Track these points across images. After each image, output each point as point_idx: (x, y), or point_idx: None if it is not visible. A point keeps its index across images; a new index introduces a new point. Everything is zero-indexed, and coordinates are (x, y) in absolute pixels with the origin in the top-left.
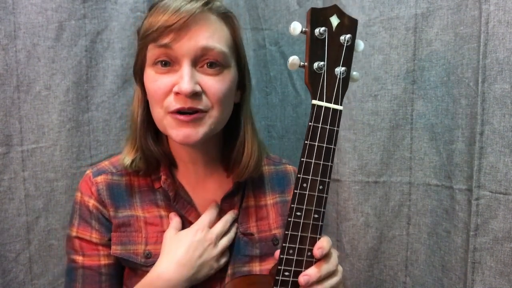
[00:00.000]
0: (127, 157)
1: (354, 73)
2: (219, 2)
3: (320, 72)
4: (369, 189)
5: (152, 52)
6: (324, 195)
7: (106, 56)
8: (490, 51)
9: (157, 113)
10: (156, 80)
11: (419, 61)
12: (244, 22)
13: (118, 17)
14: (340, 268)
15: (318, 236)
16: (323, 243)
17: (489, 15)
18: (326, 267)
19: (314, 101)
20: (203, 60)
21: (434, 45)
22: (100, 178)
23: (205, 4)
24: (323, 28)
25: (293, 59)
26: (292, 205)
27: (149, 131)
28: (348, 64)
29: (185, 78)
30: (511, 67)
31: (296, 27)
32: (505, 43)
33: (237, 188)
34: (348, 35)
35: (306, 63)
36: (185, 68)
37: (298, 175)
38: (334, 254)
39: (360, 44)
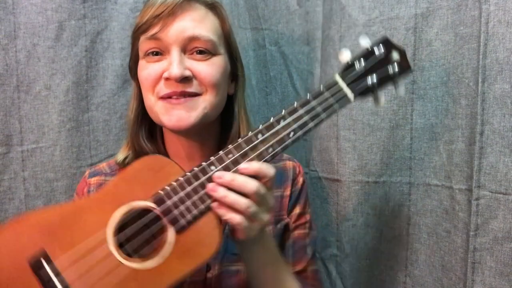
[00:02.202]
0: (120, 154)
1: (381, 99)
2: None
3: (358, 69)
4: (369, 189)
5: (143, 44)
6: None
7: (106, 56)
8: (490, 51)
9: (149, 100)
10: (147, 68)
11: (419, 61)
12: (244, 22)
13: (118, 17)
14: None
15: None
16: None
17: (489, 15)
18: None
19: (336, 75)
20: (192, 48)
21: (434, 45)
22: (93, 180)
23: None
24: (382, 48)
25: (346, 52)
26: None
27: (142, 127)
28: (380, 84)
29: (174, 63)
30: (511, 67)
31: (365, 40)
32: (505, 43)
33: None
34: (397, 69)
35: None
36: (174, 53)
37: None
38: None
39: (401, 90)
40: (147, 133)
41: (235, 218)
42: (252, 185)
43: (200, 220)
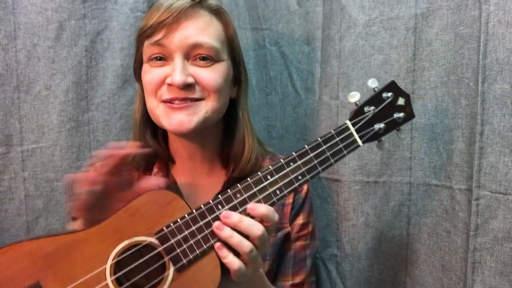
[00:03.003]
0: None
1: (385, 143)
2: None
3: (366, 112)
4: (369, 189)
5: (147, 49)
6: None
7: (106, 56)
8: (490, 51)
9: (150, 102)
10: (150, 72)
11: (419, 61)
12: (244, 22)
13: (118, 17)
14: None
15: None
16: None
17: (489, 15)
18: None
19: (348, 122)
20: (195, 55)
21: (434, 45)
22: None
23: (192, 1)
24: (390, 93)
25: (355, 94)
26: None
27: (147, 127)
28: (386, 131)
29: (176, 70)
30: (511, 67)
31: (373, 83)
32: (505, 43)
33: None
34: (402, 115)
35: (359, 103)
36: (177, 60)
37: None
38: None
39: (402, 133)
40: (152, 133)
41: (234, 263)
42: (257, 229)
43: (201, 260)
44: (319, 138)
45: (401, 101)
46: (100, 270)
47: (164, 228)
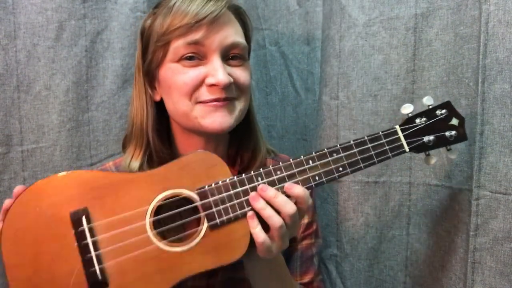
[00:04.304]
0: (134, 162)
1: (433, 158)
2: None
3: (418, 123)
4: (369, 189)
5: (180, 48)
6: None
7: (106, 56)
8: (490, 51)
9: (185, 105)
10: (185, 73)
11: (419, 61)
12: None
13: (118, 17)
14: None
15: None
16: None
17: (489, 15)
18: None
19: (397, 127)
20: (229, 54)
21: (434, 45)
22: None
23: (227, 2)
24: (444, 110)
25: (408, 106)
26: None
27: (156, 131)
28: (435, 145)
29: (219, 70)
30: (511, 67)
31: (428, 100)
32: (505, 43)
33: None
34: (454, 133)
35: (411, 114)
36: (217, 61)
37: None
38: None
39: (453, 154)
40: (159, 138)
41: (261, 235)
42: (290, 207)
43: (233, 224)
44: (365, 136)
45: (454, 121)
46: (142, 210)
47: (206, 186)
